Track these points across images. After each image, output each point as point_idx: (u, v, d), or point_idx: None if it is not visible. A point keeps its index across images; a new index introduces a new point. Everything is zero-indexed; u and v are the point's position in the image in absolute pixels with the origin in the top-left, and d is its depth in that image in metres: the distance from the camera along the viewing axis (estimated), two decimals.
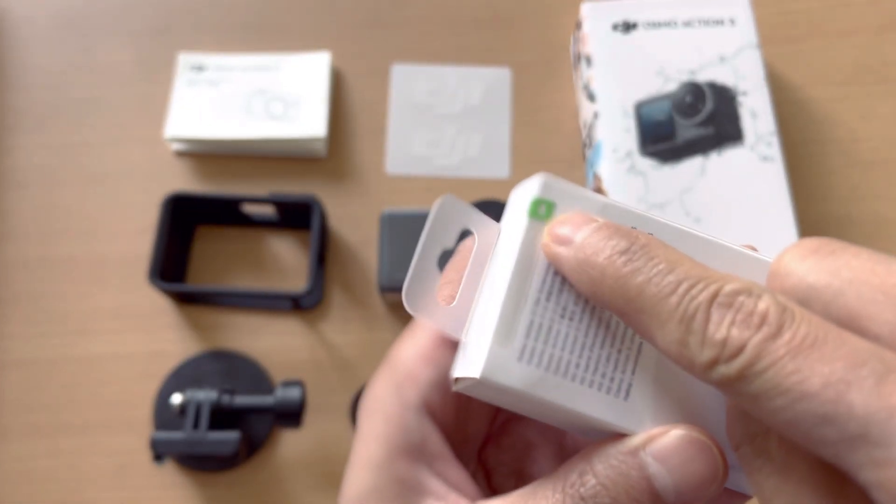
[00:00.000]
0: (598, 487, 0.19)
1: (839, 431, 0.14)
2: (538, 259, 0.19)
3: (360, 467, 0.22)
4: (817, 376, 0.15)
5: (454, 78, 0.63)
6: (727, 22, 0.58)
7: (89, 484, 0.52)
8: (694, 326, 0.16)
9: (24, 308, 0.56)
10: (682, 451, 0.18)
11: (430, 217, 0.21)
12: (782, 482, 0.16)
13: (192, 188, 0.60)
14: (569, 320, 0.19)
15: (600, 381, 0.19)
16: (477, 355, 0.19)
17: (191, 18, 0.66)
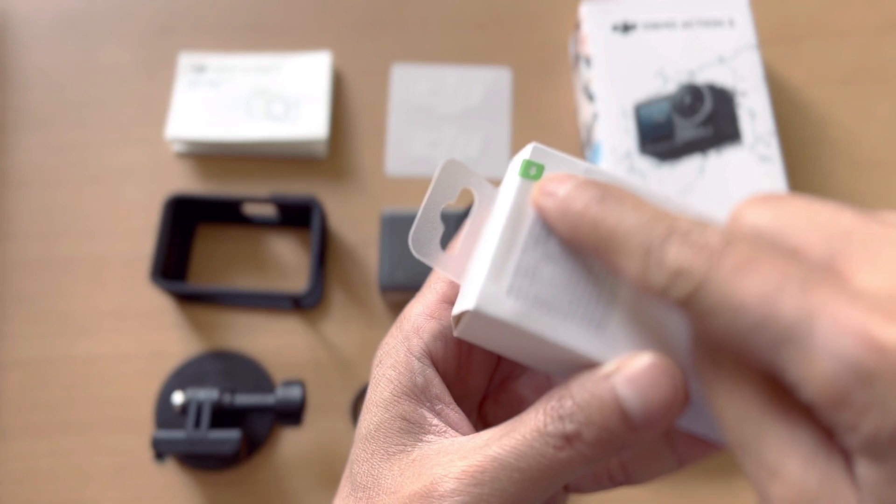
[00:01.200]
0: (574, 408, 0.21)
1: (771, 336, 0.17)
2: (528, 211, 0.23)
3: (371, 407, 0.25)
4: (753, 290, 0.17)
5: (454, 78, 0.63)
6: (726, 23, 0.58)
7: (90, 483, 0.52)
8: (652, 257, 0.19)
9: (25, 308, 0.57)
10: (647, 375, 0.21)
11: (435, 174, 0.24)
12: (732, 398, 0.18)
13: (193, 188, 0.60)
14: (553, 263, 0.22)
15: (580, 314, 0.22)
16: (472, 291, 0.22)
17: (192, 19, 0.66)
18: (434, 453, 0.24)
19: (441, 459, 0.23)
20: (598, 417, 0.21)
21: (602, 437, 0.21)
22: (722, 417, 0.19)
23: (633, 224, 0.19)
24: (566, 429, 0.21)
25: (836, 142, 0.61)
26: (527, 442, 0.22)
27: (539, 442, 0.22)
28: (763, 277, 0.17)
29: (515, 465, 0.22)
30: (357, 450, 0.25)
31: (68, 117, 0.62)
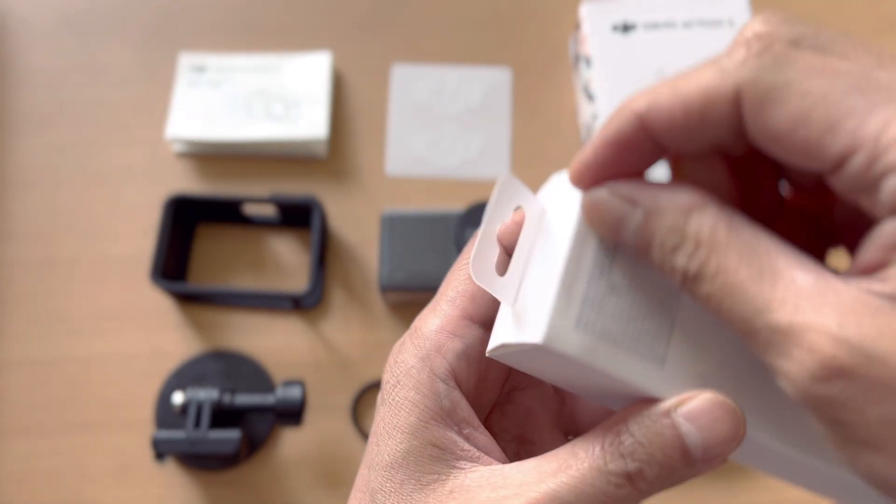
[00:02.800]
0: (636, 445, 0.21)
1: (757, 334, 0.18)
2: (591, 238, 0.21)
3: (394, 431, 0.24)
4: (743, 298, 0.18)
5: (454, 78, 0.63)
6: (726, 23, 0.58)
7: (91, 483, 0.52)
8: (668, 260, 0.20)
9: (25, 308, 0.57)
10: (710, 412, 0.21)
11: (493, 193, 0.22)
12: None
13: (193, 189, 0.60)
14: (617, 295, 0.21)
15: (642, 350, 0.21)
16: (536, 322, 0.21)
17: (191, 19, 0.66)
18: (475, 485, 0.22)
19: (487, 494, 0.22)
20: (660, 455, 0.21)
21: (663, 474, 0.21)
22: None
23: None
24: (628, 467, 0.21)
25: None
26: (586, 480, 0.21)
27: (600, 480, 0.21)
28: (748, 282, 0.18)
29: (573, 502, 0.21)
30: (380, 479, 0.24)
31: (68, 117, 0.62)
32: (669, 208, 0.19)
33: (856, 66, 0.18)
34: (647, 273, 0.21)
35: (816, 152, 0.17)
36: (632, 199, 0.20)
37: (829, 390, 0.17)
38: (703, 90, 0.19)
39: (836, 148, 0.17)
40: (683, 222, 0.19)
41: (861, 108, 0.17)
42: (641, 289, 0.21)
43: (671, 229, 0.19)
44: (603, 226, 0.20)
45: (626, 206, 0.20)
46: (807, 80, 0.17)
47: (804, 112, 0.17)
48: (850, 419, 0.17)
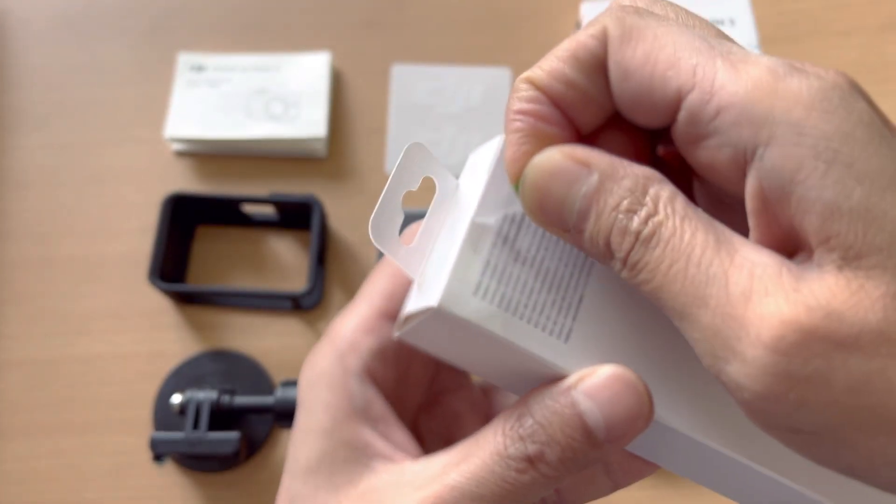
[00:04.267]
0: (536, 426, 0.20)
1: (706, 304, 0.17)
2: (497, 207, 0.21)
3: (308, 435, 0.23)
4: (698, 264, 0.17)
5: (454, 78, 0.63)
6: (727, 22, 0.58)
7: (89, 484, 0.52)
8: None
9: (24, 308, 0.56)
10: (609, 388, 0.20)
11: (398, 160, 0.22)
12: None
13: (192, 188, 0.60)
14: (521, 265, 0.21)
15: (545, 323, 0.20)
16: (435, 288, 0.20)
17: (191, 18, 0.66)
18: (385, 485, 0.22)
19: (393, 492, 0.22)
20: (560, 435, 0.20)
21: (566, 456, 0.20)
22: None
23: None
24: (528, 450, 0.20)
25: None
26: (487, 467, 0.21)
27: (500, 466, 0.20)
28: (683, 273, 0.18)
29: (476, 492, 0.21)
30: (297, 484, 0.23)
31: (67, 117, 0.62)
32: (628, 174, 0.18)
33: (701, 30, 0.19)
34: (556, 247, 0.21)
35: (659, 86, 0.18)
36: (587, 161, 0.19)
37: (789, 361, 0.16)
38: (575, 37, 0.20)
39: (676, 82, 0.18)
40: (644, 187, 0.18)
41: (703, 54, 0.18)
42: (548, 261, 0.21)
43: (630, 191, 0.18)
44: (551, 189, 0.19)
45: (580, 169, 0.19)
46: (660, 28, 0.19)
47: (654, 50, 0.18)
48: (811, 396, 0.16)
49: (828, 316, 0.16)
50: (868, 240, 0.16)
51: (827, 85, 0.17)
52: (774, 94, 0.17)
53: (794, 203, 0.16)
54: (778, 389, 0.16)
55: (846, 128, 0.16)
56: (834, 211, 0.16)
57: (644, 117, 0.19)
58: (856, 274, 0.16)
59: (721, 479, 0.22)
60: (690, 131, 0.18)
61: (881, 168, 0.16)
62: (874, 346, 0.15)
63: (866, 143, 0.16)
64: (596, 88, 0.20)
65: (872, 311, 0.15)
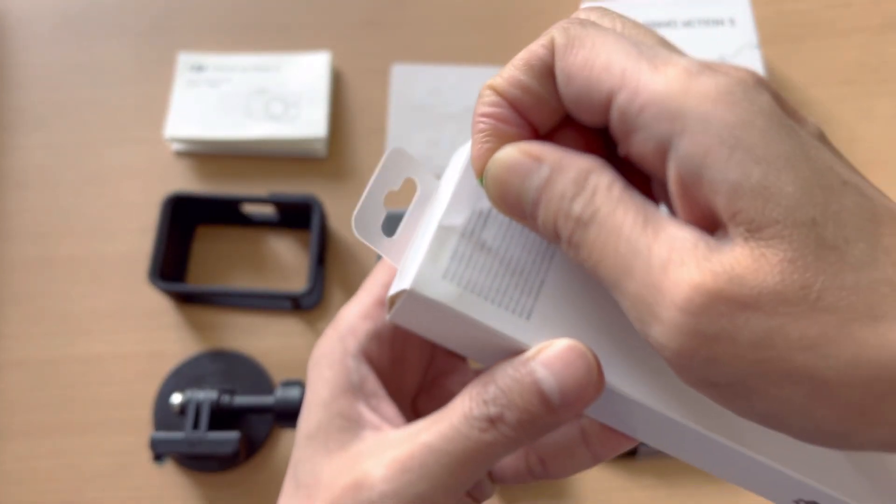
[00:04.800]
0: (497, 392, 0.23)
1: (632, 275, 0.19)
2: (466, 203, 0.24)
3: (310, 407, 0.26)
4: (627, 241, 0.20)
5: (454, 78, 0.63)
6: (727, 22, 0.58)
7: (89, 484, 0.52)
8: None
9: (24, 308, 0.56)
10: (562, 357, 0.22)
11: (380, 162, 0.26)
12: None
13: (192, 188, 0.60)
14: (486, 253, 0.23)
15: (507, 303, 0.23)
16: (409, 272, 0.23)
17: (191, 18, 0.66)
18: (368, 448, 0.25)
19: (374, 453, 0.24)
20: (518, 400, 0.22)
21: (523, 418, 0.22)
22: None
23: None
24: (490, 412, 0.23)
25: (837, 142, 0.61)
26: (454, 426, 0.23)
27: (465, 426, 0.23)
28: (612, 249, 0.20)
29: (444, 448, 0.23)
30: (299, 450, 0.26)
31: (67, 117, 0.62)
32: (573, 165, 0.21)
33: (642, 38, 0.22)
34: (519, 237, 0.24)
35: (595, 88, 0.20)
36: (538, 156, 0.21)
37: (699, 320, 0.18)
38: (529, 48, 0.22)
39: (608, 84, 0.20)
40: (585, 177, 0.20)
41: (632, 58, 0.20)
42: (511, 249, 0.24)
43: (573, 181, 0.21)
44: (509, 181, 0.22)
45: (532, 163, 0.21)
46: (598, 37, 0.21)
47: (591, 57, 0.21)
48: (722, 352, 0.18)
49: (731, 280, 0.18)
50: (767, 213, 0.18)
51: (732, 81, 0.19)
52: (687, 91, 0.19)
53: (706, 185, 0.19)
54: (690, 347, 0.18)
55: (747, 117, 0.18)
56: (737, 190, 0.18)
57: (587, 116, 0.22)
58: (758, 244, 0.18)
59: (686, 449, 0.25)
60: (622, 128, 0.20)
61: (777, 152, 0.18)
62: (773, 305, 0.17)
63: (765, 130, 0.18)
64: (547, 92, 0.22)
65: (771, 275, 0.17)
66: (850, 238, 0.18)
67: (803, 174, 0.18)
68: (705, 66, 0.19)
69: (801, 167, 0.18)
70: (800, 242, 0.17)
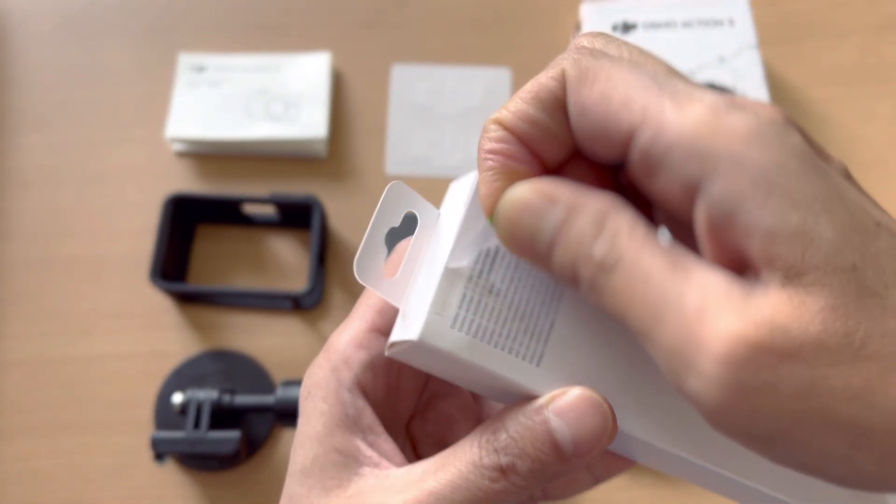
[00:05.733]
0: (509, 440, 0.22)
1: (665, 324, 0.18)
2: (473, 243, 0.23)
3: (305, 440, 0.25)
4: (657, 286, 0.19)
5: (454, 78, 0.63)
6: (726, 22, 0.58)
7: (90, 483, 0.52)
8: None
9: (24, 308, 0.56)
10: (577, 407, 0.22)
11: (381, 199, 0.24)
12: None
13: (192, 188, 0.60)
14: (495, 297, 0.22)
15: (517, 349, 0.22)
16: (416, 321, 0.22)
17: (191, 19, 0.66)
18: (370, 489, 0.24)
19: (378, 495, 0.23)
20: (531, 449, 0.22)
21: (535, 468, 0.22)
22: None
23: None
24: (501, 461, 0.22)
25: (836, 142, 0.61)
26: (462, 475, 0.22)
27: (475, 475, 0.22)
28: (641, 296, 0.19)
29: (451, 497, 0.22)
30: (295, 484, 0.25)
31: (67, 117, 0.62)
32: (590, 205, 0.20)
33: (651, 68, 0.21)
34: (527, 278, 0.23)
35: (613, 124, 0.20)
36: (552, 196, 0.20)
37: (740, 373, 0.17)
38: (536, 80, 0.21)
39: (628, 120, 0.19)
40: (604, 217, 0.19)
41: (652, 93, 0.19)
42: (520, 292, 0.23)
43: (592, 223, 0.19)
44: (521, 222, 0.21)
45: (546, 203, 0.20)
46: (613, 69, 0.20)
47: (609, 90, 0.20)
48: (765, 405, 0.17)
49: (773, 331, 0.17)
50: (807, 259, 0.17)
51: (763, 121, 0.18)
52: (716, 130, 0.18)
53: (739, 229, 0.18)
54: (732, 401, 0.17)
55: (781, 159, 0.18)
56: (774, 235, 0.17)
57: (601, 152, 0.21)
58: (797, 290, 0.17)
59: (689, 475, 0.24)
60: (643, 166, 0.20)
61: (813, 195, 0.18)
62: (816, 355, 0.17)
63: (799, 172, 0.18)
64: (557, 125, 0.21)
65: (812, 323, 0.17)
66: (889, 283, 0.17)
67: (840, 218, 0.18)
68: (731, 104, 0.19)
69: (838, 210, 0.18)
70: (840, 289, 0.17)
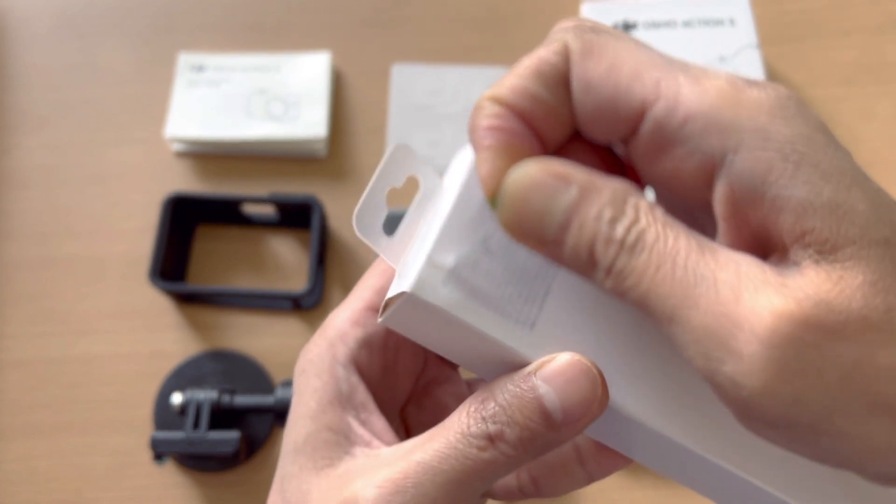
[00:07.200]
0: (497, 408, 0.22)
1: (696, 303, 0.17)
2: (473, 204, 0.22)
3: (298, 419, 0.25)
4: (685, 266, 0.18)
5: (454, 78, 0.63)
6: (727, 22, 0.58)
7: (89, 483, 0.52)
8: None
9: (24, 308, 0.56)
10: (565, 373, 0.21)
11: (383, 158, 0.24)
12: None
13: (192, 188, 0.60)
14: (491, 258, 0.22)
15: (511, 312, 0.22)
16: (409, 275, 0.22)
17: (191, 18, 0.66)
18: (359, 467, 0.23)
19: (365, 472, 0.23)
20: (519, 416, 0.21)
21: (524, 436, 0.21)
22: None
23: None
24: (489, 429, 0.21)
25: None
26: (450, 444, 0.22)
27: (463, 443, 0.22)
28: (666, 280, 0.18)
29: (439, 468, 0.22)
30: (287, 463, 0.25)
31: (67, 117, 0.62)
32: (607, 186, 0.19)
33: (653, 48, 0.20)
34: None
35: (623, 98, 0.19)
36: (565, 176, 0.19)
37: (785, 353, 0.16)
38: (535, 54, 0.20)
39: (640, 94, 0.19)
40: (623, 198, 0.18)
41: (664, 68, 0.19)
42: (518, 255, 0.22)
43: (610, 203, 0.18)
44: (530, 202, 0.19)
45: (557, 182, 0.19)
46: (619, 43, 0.19)
47: (617, 64, 0.19)
48: (808, 386, 0.16)
49: (817, 305, 0.16)
50: (842, 233, 0.16)
51: (783, 95, 0.18)
52: (738, 103, 0.18)
53: (767, 203, 0.17)
54: (774, 384, 0.16)
55: (807, 132, 0.17)
56: (807, 208, 0.17)
57: (604, 130, 0.20)
58: (833, 266, 0.16)
59: (685, 472, 0.23)
60: (654, 142, 0.19)
61: (842, 168, 0.17)
62: (860, 332, 0.16)
63: (825, 145, 0.17)
64: (559, 102, 0.20)
65: (854, 299, 0.16)
66: None
67: (869, 192, 0.17)
68: (748, 80, 0.18)
69: (865, 184, 0.17)
70: (877, 264, 0.16)
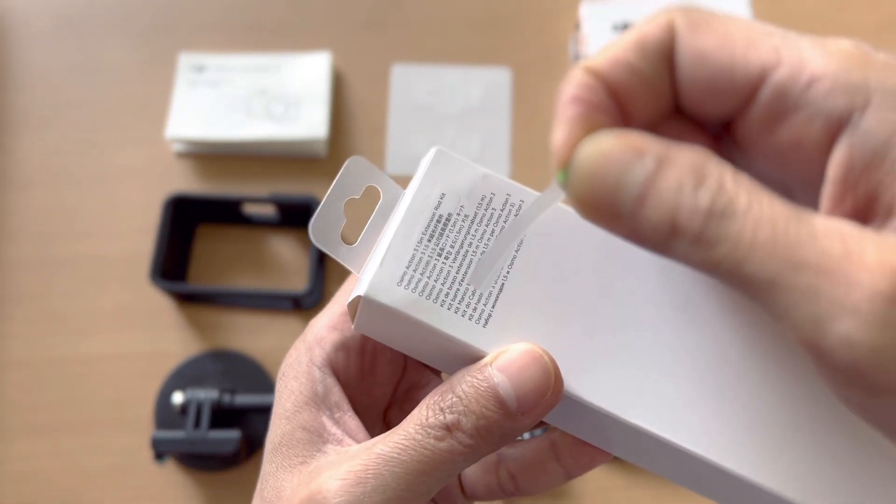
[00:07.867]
0: (455, 399, 0.22)
1: (802, 270, 0.16)
2: (427, 208, 0.24)
3: (275, 420, 0.26)
4: (784, 231, 0.17)
5: (454, 78, 0.63)
6: None
7: (90, 483, 0.52)
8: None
9: (25, 308, 0.56)
10: (518, 361, 0.22)
11: (340, 172, 0.25)
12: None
13: (192, 188, 0.60)
14: (444, 259, 0.23)
15: (465, 310, 0.23)
16: (365, 279, 0.23)
17: (191, 18, 0.66)
18: (328, 463, 0.24)
19: (332, 466, 0.24)
20: (475, 406, 0.22)
21: (480, 424, 0.22)
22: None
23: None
24: (446, 419, 0.22)
25: None
26: (409, 436, 0.23)
27: (421, 434, 0.22)
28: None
29: (399, 459, 0.22)
30: (266, 464, 0.26)
31: (68, 117, 0.62)
32: (684, 155, 0.17)
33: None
34: (478, 243, 0.24)
35: (741, 67, 0.18)
36: (640, 147, 0.17)
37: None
38: (638, 28, 0.20)
39: (758, 61, 0.18)
40: (703, 165, 0.17)
41: (780, 36, 0.18)
42: (469, 255, 0.24)
43: (690, 171, 0.17)
44: (605, 173, 0.18)
45: (633, 152, 0.17)
46: (727, 19, 0.19)
47: (729, 33, 0.19)
48: None
49: None
50: None
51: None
52: (868, 63, 0.17)
53: (887, 166, 0.17)
54: (892, 341, 0.15)
55: None
56: None
57: (715, 103, 0.20)
58: None
59: (658, 462, 0.23)
60: (773, 109, 0.18)
61: None
62: None
63: None
64: (659, 78, 0.20)
65: None
66: None
67: None
68: (872, 46, 0.18)
69: None
70: None
